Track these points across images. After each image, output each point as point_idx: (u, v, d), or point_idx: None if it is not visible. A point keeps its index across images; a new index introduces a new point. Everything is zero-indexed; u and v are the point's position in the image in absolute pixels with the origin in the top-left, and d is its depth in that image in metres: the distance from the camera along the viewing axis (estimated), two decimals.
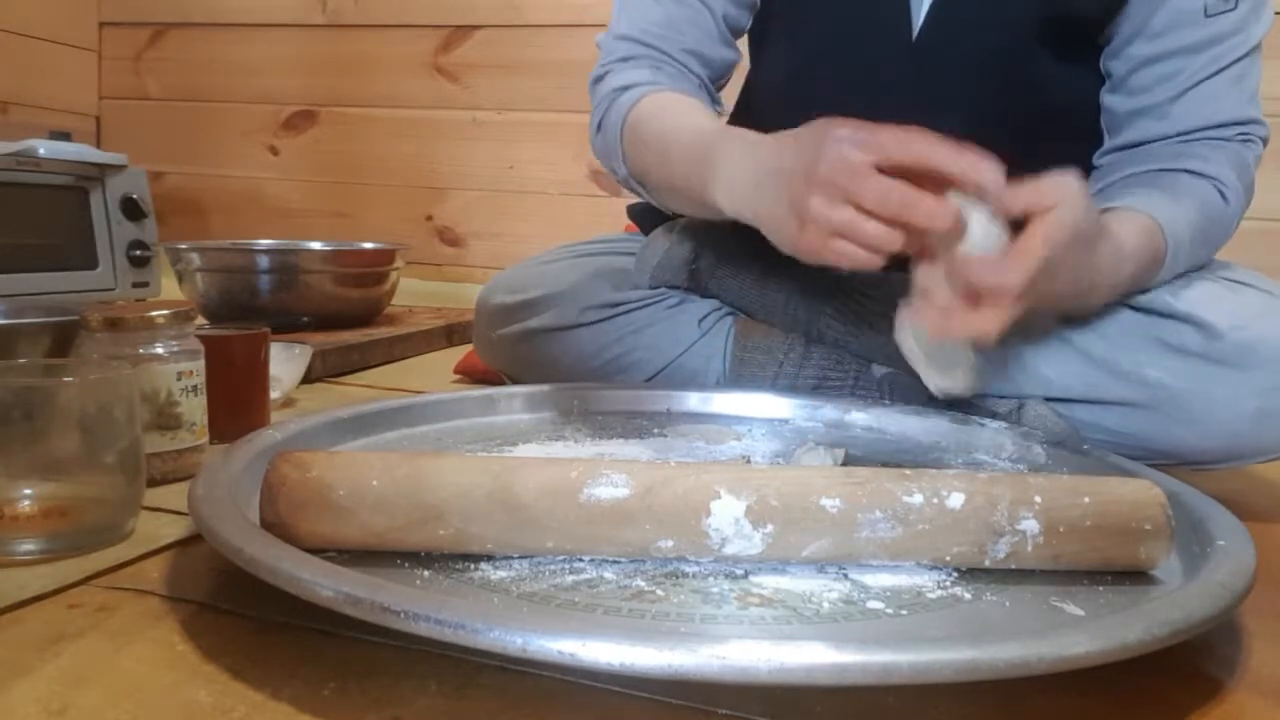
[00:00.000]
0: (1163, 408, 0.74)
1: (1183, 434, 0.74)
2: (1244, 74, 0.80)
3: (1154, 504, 0.50)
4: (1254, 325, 0.73)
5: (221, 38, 1.96)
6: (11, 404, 0.52)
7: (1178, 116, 0.80)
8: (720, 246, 0.91)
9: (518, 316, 0.92)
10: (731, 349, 0.89)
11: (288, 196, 1.95)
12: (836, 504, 0.48)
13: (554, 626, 0.37)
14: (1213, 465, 0.76)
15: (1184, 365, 0.74)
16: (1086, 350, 0.77)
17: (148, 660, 0.42)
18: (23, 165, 1.32)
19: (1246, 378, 0.72)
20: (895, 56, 0.84)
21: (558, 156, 1.80)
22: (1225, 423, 0.73)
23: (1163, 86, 0.80)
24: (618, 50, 0.90)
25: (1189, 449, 0.74)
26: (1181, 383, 0.74)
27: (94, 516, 0.55)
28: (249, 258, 1.33)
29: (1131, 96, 0.82)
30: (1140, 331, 0.76)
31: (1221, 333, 0.73)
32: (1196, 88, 0.79)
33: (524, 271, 0.96)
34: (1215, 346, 0.73)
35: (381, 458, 0.51)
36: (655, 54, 0.88)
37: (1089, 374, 0.77)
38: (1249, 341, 0.72)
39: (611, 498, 0.48)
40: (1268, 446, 0.73)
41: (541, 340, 0.90)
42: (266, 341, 0.81)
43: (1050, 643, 0.37)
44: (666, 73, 0.87)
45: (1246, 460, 0.75)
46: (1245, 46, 0.79)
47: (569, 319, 0.89)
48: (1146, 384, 0.75)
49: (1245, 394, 0.72)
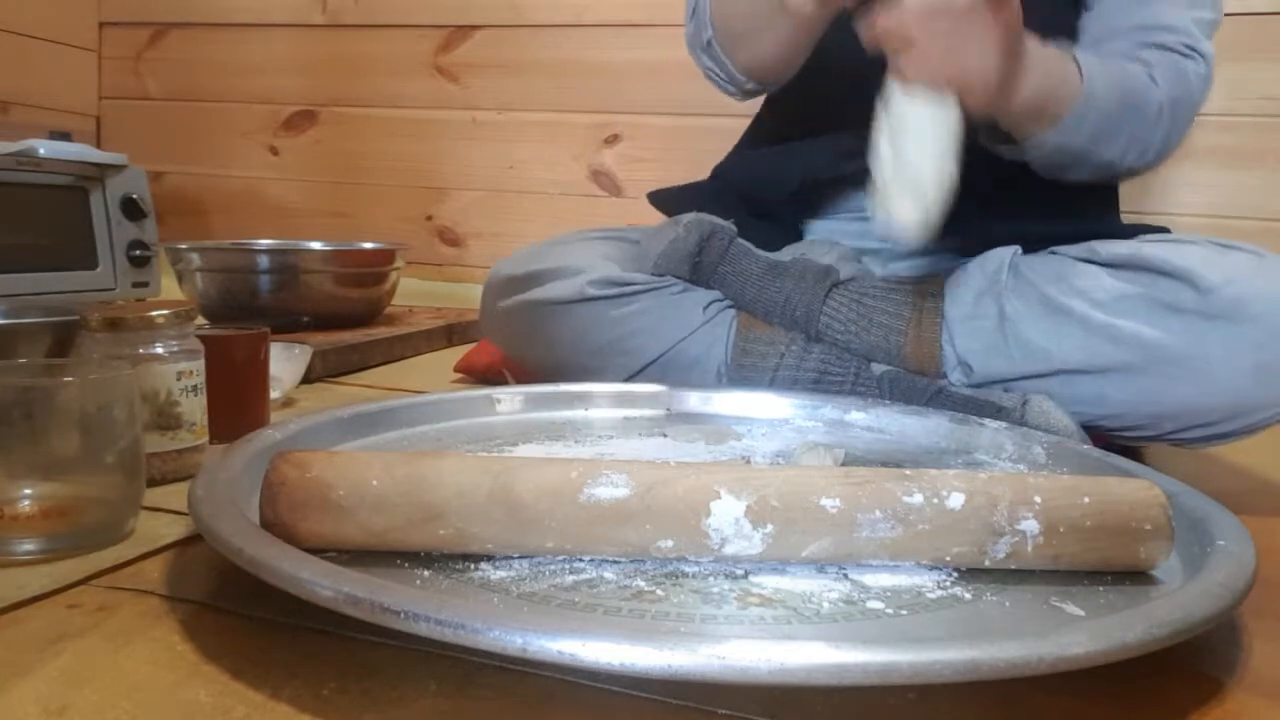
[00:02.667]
0: (1163, 368, 0.76)
1: (1186, 392, 0.75)
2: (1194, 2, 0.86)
3: (1154, 504, 0.50)
4: (1244, 280, 0.75)
5: (221, 38, 1.95)
6: (11, 404, 0.52)
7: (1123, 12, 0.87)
8: (724, 243, 0.92)
9: (524, 287, 0.93)
10: (733, 339, 0.89)
11: (288, 196, 1.95)
12: (836, 504, 0.48)
13: (554, 626, 0.37)
14: (1220, 427, 0.77)
15: (1180, 323, 0.76)
16: (1085, 318, 0.79)
17: (148, 660, 0.42)
18: (23, 165, 1.32)
19: (1241, 331, 0.74)
20: None
21: (558, 156, 1.80)
22: (1225, 377, 0.74)
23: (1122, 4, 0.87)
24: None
25: (1194, 408, 0.76)
26: (1179, 340, 0.75)
27: (94, 516, 0.55)
28: (249, 258, 1.33)
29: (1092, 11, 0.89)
30: (1135, 294, 0.78)
31: (1213, 287, 0.75)
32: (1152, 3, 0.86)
33: (534, 249, 0.98)
34: (1208, 301, 0.75)
35: (381, 458, 0.51)
36: None
37: (1089, 342, 0.79)
38: (1240, 296, 0.74)
39: (611, 498, 0.48)
40: (1270, 400, 0.75)
41: (544, 313, 0.91)
42: (266, 341, 0.81)
43: (1050, 643, 0.37)
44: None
45: (1252, 417, 0.76)
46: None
47: (574, 293, 0.89)
48: (1145, 345, 0.76)
49: (1242, 348, 0.74)
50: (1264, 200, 1.35)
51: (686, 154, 1.66)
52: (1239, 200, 1.36)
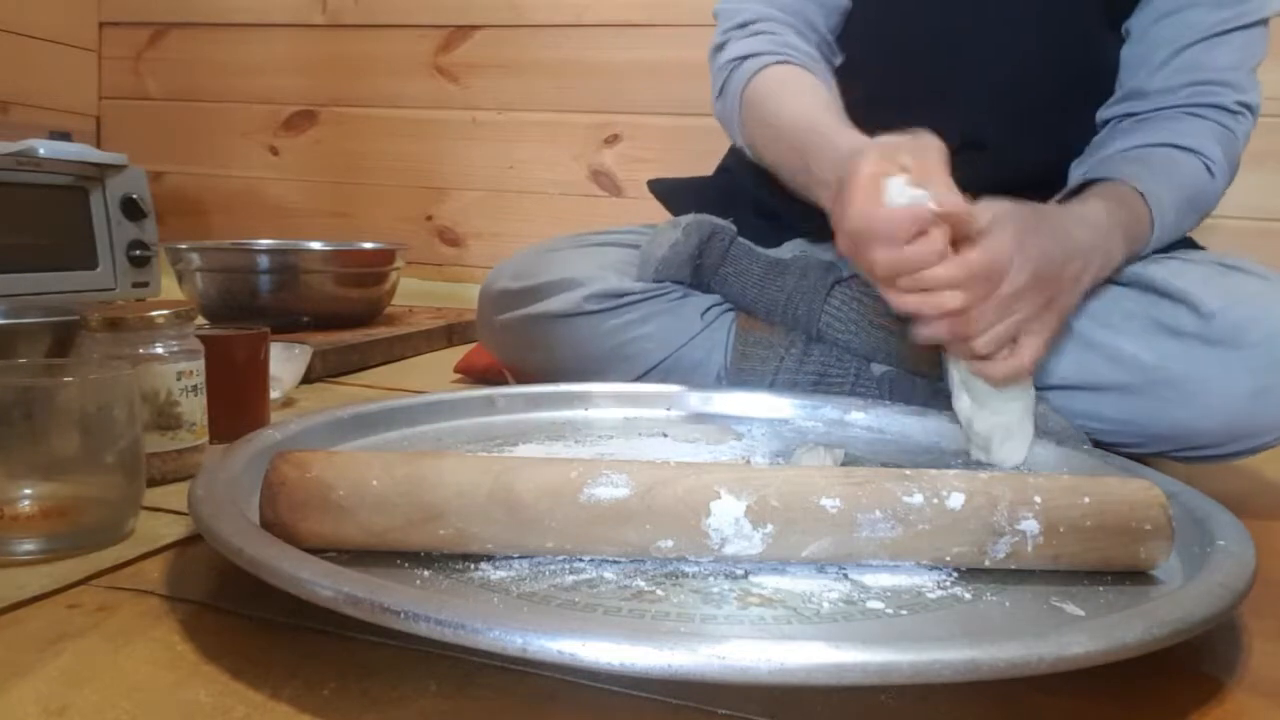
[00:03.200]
0: (1158, 390, 0.75)
1: (1180, 415, 0.74)
2: (1248, 43, 0.83)
3: (1154, 504, 0.50)
4: (1246, 304, 0.74)
5: (221, 38, 1.95)
6: (11, 404, 0.52)
7: (1176, 67, 0.83)
8: (725, 244, 0.92)
9: (521, 302, 0.92)
10: (733, 343, 0.89)
11: (288, 196, 1.95)
12: (836, 504, 0.48)
13: (554, 626, 0.37)
14: (1215, 449, 0.76)
15: (1178, 346, 0.75)
16: (1083, 336, 0.78)
17: (148, 660, 0.42)
18: (23, 165, 1.32)
19: (1240, 357, 0.72)
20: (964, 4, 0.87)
21: (558, 156, 1.80)
22: (1221, 402, 0.73)
23: (1172, 35, 0.83)
24: (737, 16, 0.92)
25: (1188, 431, 0.75)
26: (1176, 363, 0.74)
27: (94, 516, 0.55)
28: (249, 258, 1.33)
29: (1141, 45, 0.85)
30: (1135, 314, 0.77)
31: (1214, 312, 0.74)
32: (1203, 42, 0.82)
33: (529, 258, 0.96)
34: (1208, 326, 0.74)
35: (381, 458, 0.51)
36: (773, 13, 0.90)
37: (1086, 359, 0.78)
38: (1241, 320, 0.73)
39: (611, 498, 0.48)
40: (1266, 426, 0.74)
41: (543, 327, 0.90)
42: (266, 341, 0.81)
43: (1050, 643, 0.37)
44: (782, 39, 0.89)
45: (1247, 442, 0.75)
46: (1256, 15, 0.82)
47: (572, 307, 0.89)
48: (1142, 366, 0.75)
49: (1239, 373, 0.72)
50: (1264, 200, 1.35)
51: (686, 154, 1.66)
52: (1240, 200, 1.36)
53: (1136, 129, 0.85)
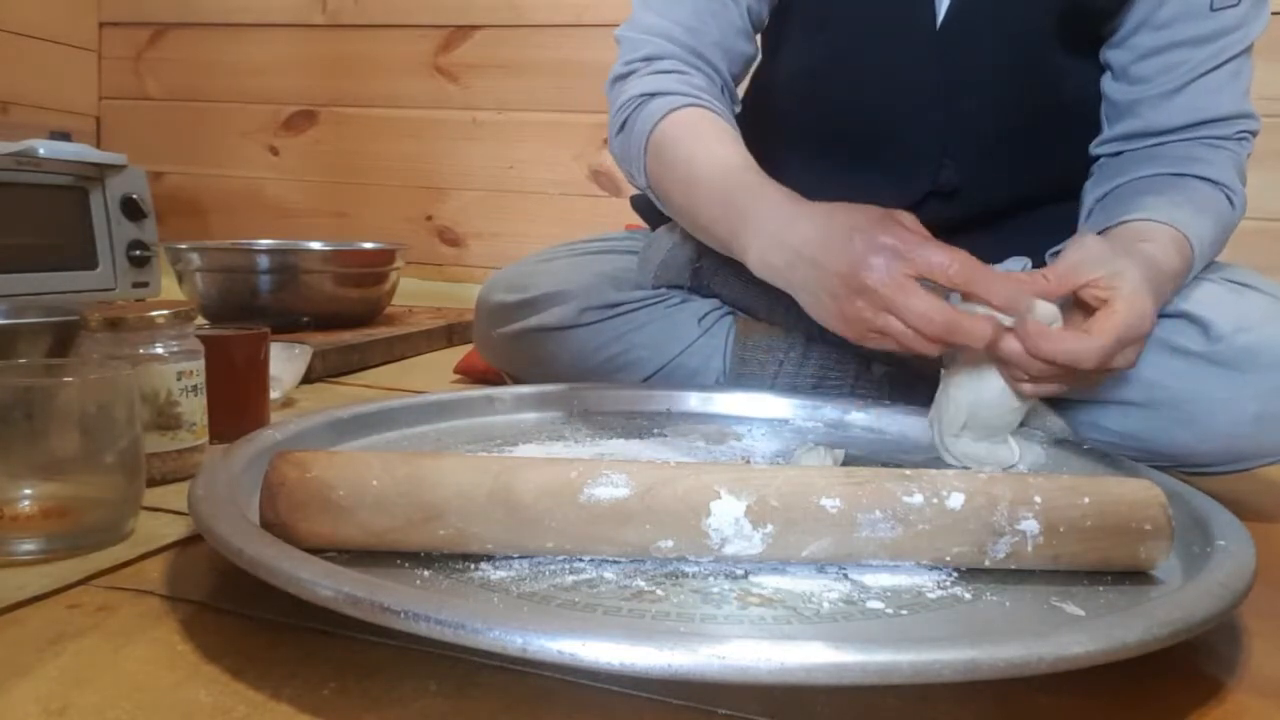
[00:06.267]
0: (1162, 409, 0.74)
1: (1181, 435, 0.74)
2: (1240, 70, 0.81)
3: (1154, 504, 0.50)
4: (1257, 329, 0.73)
5: (221, 38, 1.96)
6: (11, 404, 0.52)
7: (1179, 108, 0.81)
8: None
9: (517, 315, 0.92)
10: (732, 348, 0.89)
11: (287, 196, 1.95)
12: (836, 504, 0.48)
13: (554, 626, 0.37)
14: (1212, 468, 0.76)
15: (1185, 366, 0.73)
16: None
17: (148, 660, 0.42)
18: (23, 165, 1.32)
19: (1247, 381, 0.71)
20: (918, 46, 0.84)
21: (558, 156, 1.80)
22: (1224, 425, 0.72)
23: (1165, 77, 0.81)
24: (642, 47, 0.86)
25: (1188, 451, 0.74)
26: (1182, 384, 0.73)
27: (94, 516, 0.55)
28: (249, 258, 1.33)
29: (1134, 85, 0.83)
30: None
31: (1223, 334, 0.73)
32: (1198, 80, 0.80)
33: (524, 270, 0.96)
34: (1217, 348, 0.73)
35: (381, 458, 0.51)
36: (680, 52, 0.85)
37: None
38: (1251, 345, 0.72)
39: (611, 498, 0.48)
40: (1267, 450, 0.73)
41: (541, 339, 0.90)
42: (266, 341, 0.81)
43: (1050, 643, 0.37)
44: (691, 81, 0.84)
45: (1246, 464, 0.75)
46: (1244, 43, 0.80)
47: (569, 319, 0.89)
48: (1146, 385, 0.74)
49: (1245, 397, 0.71)
50: (1264, 200, 1.35)
51: None
52: None
53: (1154, 156, 0.81)
